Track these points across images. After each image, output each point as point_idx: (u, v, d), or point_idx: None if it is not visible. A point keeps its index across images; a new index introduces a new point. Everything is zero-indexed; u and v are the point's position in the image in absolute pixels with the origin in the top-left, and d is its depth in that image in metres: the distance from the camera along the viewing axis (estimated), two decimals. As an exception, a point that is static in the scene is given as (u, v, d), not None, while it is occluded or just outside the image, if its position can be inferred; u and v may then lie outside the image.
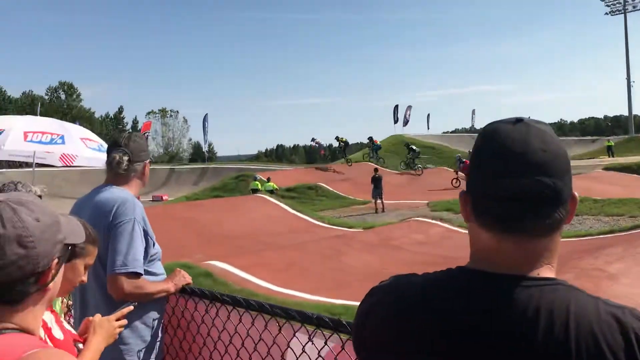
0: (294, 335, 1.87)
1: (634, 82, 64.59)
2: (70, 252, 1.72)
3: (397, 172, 34.45)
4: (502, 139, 0.97)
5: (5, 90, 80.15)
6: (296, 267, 10.74)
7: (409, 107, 56.86)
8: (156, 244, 2.53)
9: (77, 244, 1.73)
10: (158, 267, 2.56)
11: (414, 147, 34.35)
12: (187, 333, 2.50)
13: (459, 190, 1.09)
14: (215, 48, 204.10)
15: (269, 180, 26.30)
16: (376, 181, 21.96)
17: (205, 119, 52.87)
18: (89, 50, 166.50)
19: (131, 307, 1.81)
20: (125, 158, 2.53)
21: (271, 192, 23.92)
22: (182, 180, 42.17)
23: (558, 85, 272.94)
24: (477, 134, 1.05)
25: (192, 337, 2.47)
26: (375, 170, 23.55)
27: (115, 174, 2.56)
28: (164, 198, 33.20)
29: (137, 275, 2.33)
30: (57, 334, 1.71)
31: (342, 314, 8.05)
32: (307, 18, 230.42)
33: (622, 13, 64.67)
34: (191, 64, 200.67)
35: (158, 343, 2.48)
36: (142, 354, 2.40)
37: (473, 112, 71.33)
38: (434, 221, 15.51)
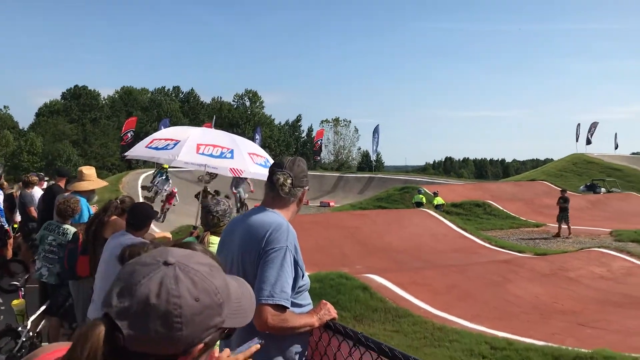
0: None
1: None
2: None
3: (577, 193, 31.61)
4: None
5: (199, 96, 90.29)
6: (457, 290, 10.24)
7: (594, 124, 51.76)
8: (305, 275, 2.44)
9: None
10: (305, 297, 2.47)
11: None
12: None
13: None
14: (387, 59, 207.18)
15: (436, 194, 25.52)
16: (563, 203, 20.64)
17: (376, 130, 53.45)
18: (273, 60, 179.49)
19: (258, 346, 1.72)
20: (289, 181, 2.48)
21: (437, 207, 23.23)
22: (348, 187, 43.16)
23: None
24: None
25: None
26: (563, 191, 21.88)
27: (274, 196, 2.51)
28: (331, 204, 34.25)
29: (283, 308, 2.25)
30: None
31: (504, 349, 7.45)
32: (479, 29, 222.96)
33: None
34: (364, 75, 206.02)
35: None
36: None
37: (672, 130, 62.74)
38: (618, 253, 13.77)
